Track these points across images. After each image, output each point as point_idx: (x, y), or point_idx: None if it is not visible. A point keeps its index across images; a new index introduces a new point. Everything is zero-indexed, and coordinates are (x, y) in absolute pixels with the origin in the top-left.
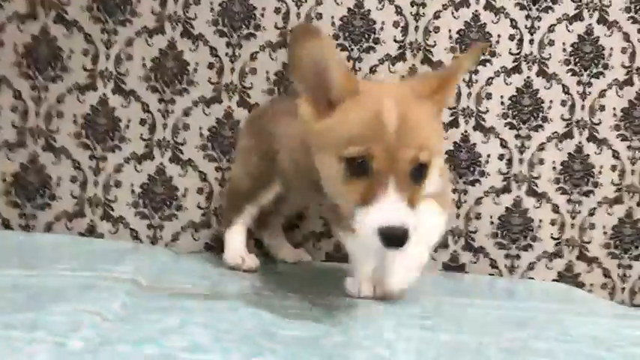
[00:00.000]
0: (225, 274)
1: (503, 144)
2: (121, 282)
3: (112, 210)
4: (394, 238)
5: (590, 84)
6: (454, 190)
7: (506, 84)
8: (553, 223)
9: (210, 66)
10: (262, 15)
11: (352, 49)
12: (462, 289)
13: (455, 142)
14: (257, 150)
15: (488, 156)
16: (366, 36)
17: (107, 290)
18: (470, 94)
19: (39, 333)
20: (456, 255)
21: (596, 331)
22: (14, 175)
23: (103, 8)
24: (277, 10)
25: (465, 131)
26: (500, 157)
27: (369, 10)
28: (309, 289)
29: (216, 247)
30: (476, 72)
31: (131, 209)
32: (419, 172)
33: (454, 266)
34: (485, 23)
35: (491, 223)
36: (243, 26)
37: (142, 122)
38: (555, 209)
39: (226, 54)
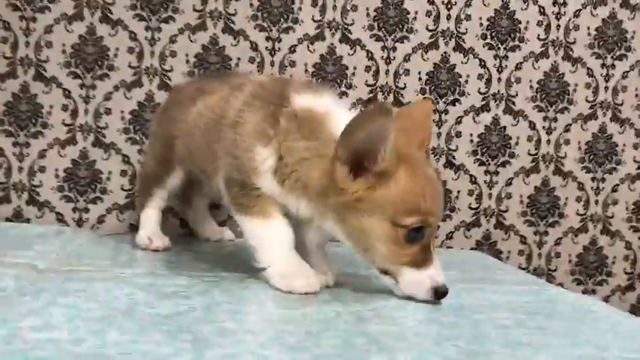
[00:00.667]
0: (135, 255)
1: (473, 180)
2: (15, 266)
3: (38, 195)
4: (444, 294)
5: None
6: None
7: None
8: (470, 193)
9: (130, 50)
10: None
11: None
12: None
13: None
14: (160, 135)
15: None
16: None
17: None
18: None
19: None
20: None
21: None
22: None
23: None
24: None
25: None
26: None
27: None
28: (209, 267)
29: None
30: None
31: (56, 193)
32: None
33: None
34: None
35: None
36: (162, 9)
37: (64, 108)
38: (473, 180)
39: (145, 38)
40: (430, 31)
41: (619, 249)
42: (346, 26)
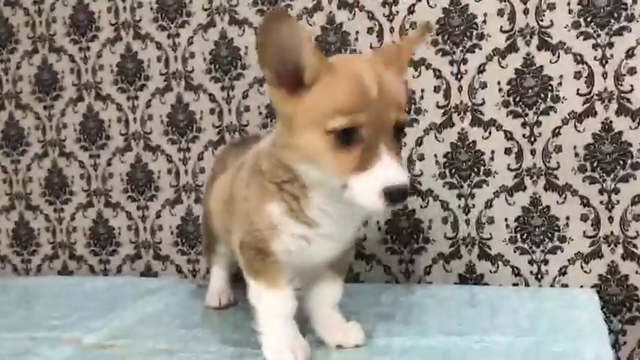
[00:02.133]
0: (199, 321)
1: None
2: None
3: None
4: (399, 195)
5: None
6: None
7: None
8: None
9: None
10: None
11: None
12: None
13: None
14: (206, 195)
15: None
16: None
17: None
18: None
19: None
20: None
21: None
22: None
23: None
24: None
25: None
26: None
27: None
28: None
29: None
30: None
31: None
32: (399, 132)
33: None
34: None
35: None
36: None
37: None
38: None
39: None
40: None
41: None
42: None
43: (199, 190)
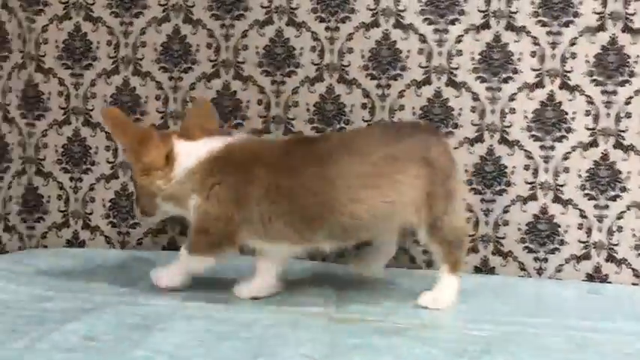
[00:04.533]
0: None
1: None
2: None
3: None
4: None
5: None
6: None
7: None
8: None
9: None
10: None
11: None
12: None
13: None
14: None
15: None
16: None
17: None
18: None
19: None
20: None
21: None
22: None
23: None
24: None
25: None
26: None
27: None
28: None
29: None
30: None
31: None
32: None
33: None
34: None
35: None
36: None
37: None
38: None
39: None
40: None
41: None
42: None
43: None
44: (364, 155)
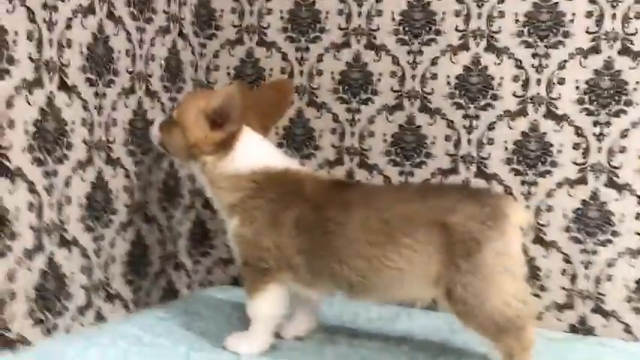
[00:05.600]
0: None
1: None
2: None
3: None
4: None
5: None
6: None
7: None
8: None
9: (515, 79)
10: None
11: None
12: None
13: None
14: None
15: None
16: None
17: None
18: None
19: None
20: None
21: None
22: None
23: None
24: None
25: None
26: None
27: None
28: None
29: None
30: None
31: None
32: None
33: None
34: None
35: None
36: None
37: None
38: None
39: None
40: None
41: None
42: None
43: None
44: (379, 210)
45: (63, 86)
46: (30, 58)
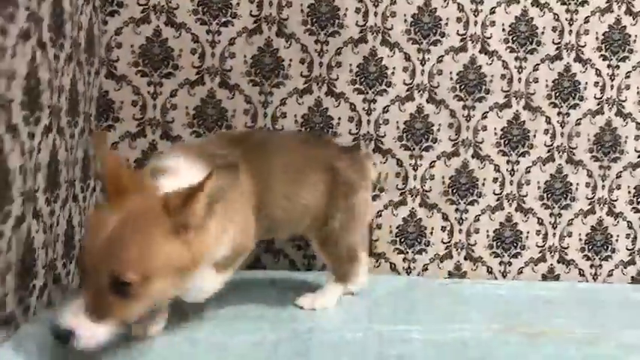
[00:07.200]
0: None
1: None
2: None
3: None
4: (59, 337)
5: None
6: None
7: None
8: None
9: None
10: None
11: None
12: None
13: None
14: None
15: None
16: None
17: None
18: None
19: None
20: None
21: None
22: None
23: None
24: None
25: None
26: None
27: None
28: None
29: None
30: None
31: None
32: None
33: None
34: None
35: None
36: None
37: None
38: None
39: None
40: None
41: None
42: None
43: None
44: (291, 152)
45: None
46: None
